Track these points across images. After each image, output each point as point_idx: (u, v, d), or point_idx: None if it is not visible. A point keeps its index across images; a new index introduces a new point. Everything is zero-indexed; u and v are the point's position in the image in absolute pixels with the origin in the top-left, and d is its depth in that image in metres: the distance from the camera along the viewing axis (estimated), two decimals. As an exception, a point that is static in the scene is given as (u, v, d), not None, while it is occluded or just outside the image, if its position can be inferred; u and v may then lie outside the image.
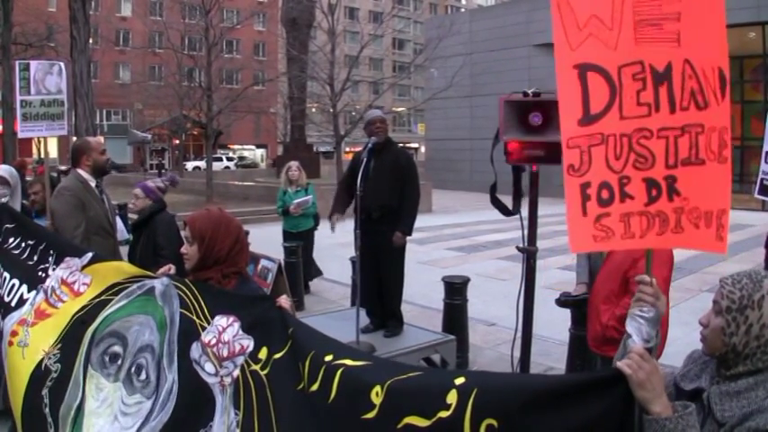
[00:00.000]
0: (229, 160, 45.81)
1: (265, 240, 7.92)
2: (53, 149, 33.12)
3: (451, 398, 1.51)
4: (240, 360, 2.02)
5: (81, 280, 2.61)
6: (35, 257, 2.90)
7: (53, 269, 2.75)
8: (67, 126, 5.01)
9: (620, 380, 1.43)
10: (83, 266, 2.65)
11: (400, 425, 1.57)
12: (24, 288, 2.80)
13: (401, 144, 9.07)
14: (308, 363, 1.87)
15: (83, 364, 2.36)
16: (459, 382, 1.53)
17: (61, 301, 2.60)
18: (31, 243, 2.98)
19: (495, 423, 1.44)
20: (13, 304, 2.77)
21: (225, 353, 2.04)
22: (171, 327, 2.20)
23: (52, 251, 2.85)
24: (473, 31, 29.93)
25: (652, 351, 1.49)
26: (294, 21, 25.06)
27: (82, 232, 3.99)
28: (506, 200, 3.51)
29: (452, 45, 25.70)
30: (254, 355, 2.02)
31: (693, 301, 7.68)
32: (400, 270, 5.40)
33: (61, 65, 4.97)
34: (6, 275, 2.91)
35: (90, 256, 2.68)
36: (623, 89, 1.51)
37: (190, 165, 41.31)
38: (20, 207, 4.78)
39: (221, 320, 2.10)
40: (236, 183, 23.78)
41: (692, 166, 1.52)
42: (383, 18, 35.59)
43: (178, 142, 36.56)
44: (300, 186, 8.24)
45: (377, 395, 1.64)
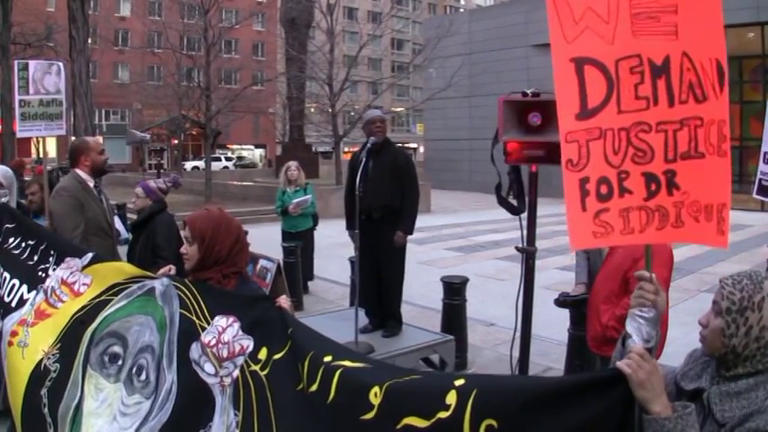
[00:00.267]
0: (228, 160, 45.79)
1: (264, 240, 7.92)
2: (52, 149, 33.09)
3: (451, 398, 1.50)
4: (240, 360, 2.02)
5: (81, 280, 2.60)
6: (35, 258, 2.89)
7: (53, 269, 2.75)
8: (66, 126, 5.01)
9: (619, 380, 1.43)
10: (83, 267, 2.64)
11: (399, 425, 1.56)
12: (24, 288, 2.79)
13: (400, 144, 9.06)
14: (307, 363, 1.87)
15: (82, 364, 2.36)
16: (458, 383, 1.53)
17: (61, 302, 2.59)
18: (31, 243, 2.97)
19: (494, 423, 1.44)
20: (14, 305, 2.76)
21: (225, 353, 2.03)
22: (171, 327, 2.20)
23: (53, 251, 2.84)
24: (472, 31, 29.94)
25: (652, 351, 1.48)
26: (293, 21, 25.08)
27: (80, 233, 3.98)
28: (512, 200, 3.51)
29: (451, 45, 25.69)
30: (253, 356, 2.01)
31: (692, 302, 7.68)
32: (400, 270, 5.39)
33: (60, 65, 4.97)
34: (6, 275, 2.91)
35: (90, 256, 2.68)
36: (621, 83, 1.50)
37: (189, 165, 41.27)
38: (16, 207, 4.77)
39: (221, 321, 2.10)
40: (235, 183, 23.77)
41: (691, 159, 1.50)
42: (382, 18, 35.66)
43: (177, 142, 36.48)
44: (299, 186, 8.24)
45: (375, 396, 1.64)
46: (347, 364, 1.78)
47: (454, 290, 5.71)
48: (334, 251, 8.58)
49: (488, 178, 3.47)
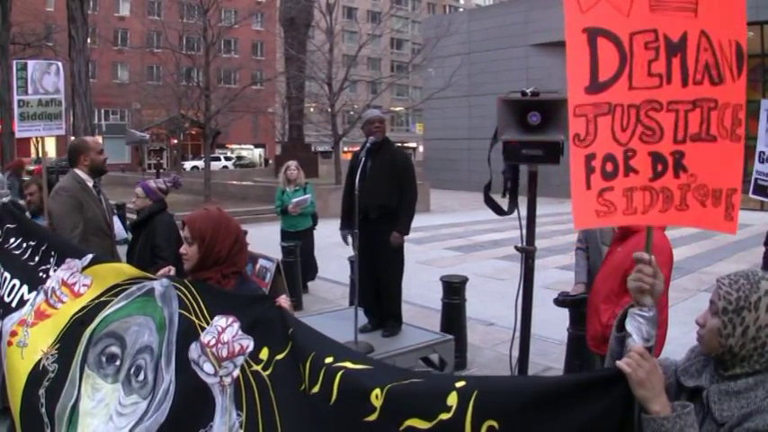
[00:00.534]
0: (227, 160, 45.80)
1: (263, 240, 7.92)
2: (52, 149, 33.08)
3: (452, 400, 1.51)
4: (240, 360, 2.02)
5: (81, 281, 2.60)
6: (36, 258, 2.89)
7: (54, 270, 2.75)
8: (65, 126, 5.00)
9: (619, 379, 1.43)
10: (83, 268, 2.65)
11: (402, 427, 1.57)
12: (25, 289, 2.80)
13: (399, 144, 9.06)
14: (309, 364, 1.87)
15: (80, 364, 2.36)
16: (459, 384, 1.53)
17: (61, 302, 2.60)
18: (32, 244, 2.98)
19: (495, 424, 1.44)
20: (14, 305, 2.76)
21: (224, 353, 2.03)
22: (170, 327, 2.19)
23: (53, 252, 2.84)
24: (471, 30, 29.93)
25: (651, 350, 1.48)
26: (292, 20, 25.08)
27: (80, 233, 3.98)
28: (503, 200, 3.51)
29: (450, 45, 25.67)
30: (254, 356, 2.01)
31: (691, 302, 7.68)
32: (399, 270, 5.39)
33: (59, 64, 4.96)
34: (7, 276, 2.91)
35: (90, 257, 2.68)
36: (634, 58, 1.45)
37: (188, 164, 41.26)
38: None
39: (221, 321, 2.09)
40: (235, 182, 23.76)
41: (701, 142, 1.46)
42: (381, 18, 35.64)
43: (176, 142, 36.47)
44: (299, 186, 8.24)
45: (377, 398, 1.64)
46: (349, 365, 1.79)
47: (454, 289, 5.71)
48: (334, 251, 8.56)
49: (487, 178, 3.46)
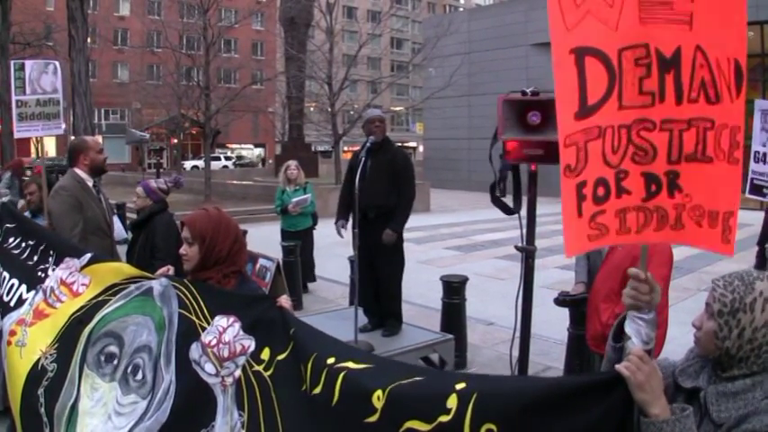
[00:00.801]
0: (227, 159, 45.80)
1: (263, 240, 7.91)
2: (51, 149, 33.09)
3: (452, 402, 1.51)
4: (241, 360, 2.02)
5: (80, 280, 2.60)
6: (35, 257, 2.89)
7: (53, 269, 2.75)
8: (65, 125, 4.99)
9: (619, 382, 1.42)
10: (82, 267, 2.65)
11: (401, 429, 1.57)
12: (24, 288, 2.80)
13: (399, 143, 9.06)
14: (310, 365, 1.87)
15: (79, 363, 2.36)
16: (459, 386, 1.53)
17: (60, 302, 2.59)
18: (31, 243, 2.98)
19: (494, 427, 1.45)
20: (12, 304, 2.76)
21: (226, 353, 2.03)
22: (169, 327, 2.19)
23: (52, 251, 2.84)
24: (471, 30, 29.92)
25: (650, 353, 1.47)
26: (292, 20, 25.08)
27: (79, 232, 3.98)
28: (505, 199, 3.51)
29: (450, 44, 25.67)
30: (256, 356, 2.01)
31: (691, 301, 7.68)
32: (399, 270, 5.39)
33: (56, 64, 4.95)
34: (6, 275, 2.91)
35: (89, 256, 2.68)
36: (624, 75, 1.36)
37: (188, 164, 41.26)
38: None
39: (221, 321, 2.09)
40: (235, 182, 23.76)
41: (697, 162, 1.38)
42: (381, 17, 35.60)
43: (176, 141, 36.45)
44: (299, 185, 8.24)
45: (378, 399, 1.65)
46: (350, 365, 1.79)
47: (453, 289, 5.70)
48: (334, 250, 8.56)
49: (488, 177, 3.46)
